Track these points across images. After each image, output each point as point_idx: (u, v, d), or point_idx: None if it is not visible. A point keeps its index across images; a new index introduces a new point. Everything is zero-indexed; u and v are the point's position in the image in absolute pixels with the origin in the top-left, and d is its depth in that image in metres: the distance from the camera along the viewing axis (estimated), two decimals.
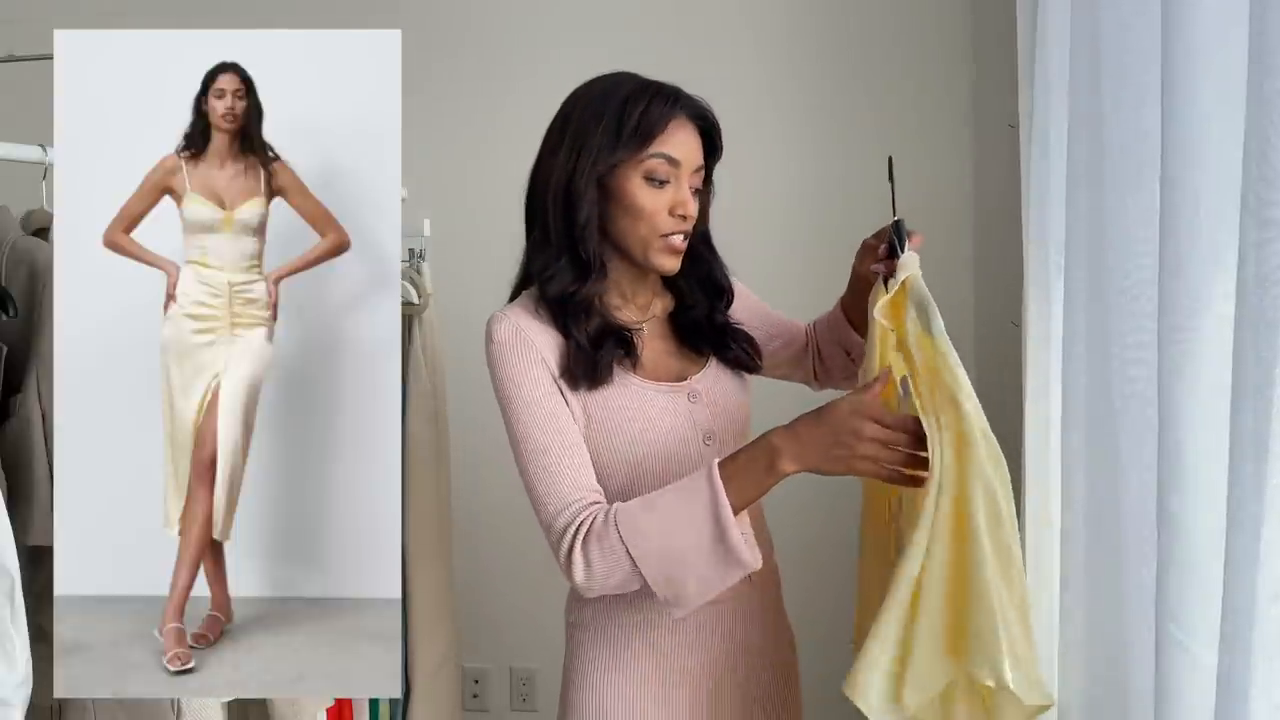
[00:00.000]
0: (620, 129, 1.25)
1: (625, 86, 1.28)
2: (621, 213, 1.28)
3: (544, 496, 1.23)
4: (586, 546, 1.19)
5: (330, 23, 2.54)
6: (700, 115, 1.30)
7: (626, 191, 1.27)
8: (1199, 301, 0.86)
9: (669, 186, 1.27)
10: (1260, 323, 0.72)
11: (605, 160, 1.25)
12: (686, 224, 1.29)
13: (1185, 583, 0.87)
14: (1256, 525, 0.72)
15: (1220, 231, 0.82)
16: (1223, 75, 0.82)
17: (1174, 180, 0.87)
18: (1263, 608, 0.72)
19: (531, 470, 1.25)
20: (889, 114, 2.44)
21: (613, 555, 1.18)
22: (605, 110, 1.26)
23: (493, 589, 2.64)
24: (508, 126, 2.48)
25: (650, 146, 1.25)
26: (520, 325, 1.28)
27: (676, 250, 1.30)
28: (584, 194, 1.26)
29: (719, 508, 1.15)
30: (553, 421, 1.25)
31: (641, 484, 1.28)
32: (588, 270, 1.28)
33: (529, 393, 1.25)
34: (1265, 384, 0.71)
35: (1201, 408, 0.85)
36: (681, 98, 1.28)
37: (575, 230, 1.27)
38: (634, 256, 1.31)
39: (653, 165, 1.26)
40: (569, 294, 1.28)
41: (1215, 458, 0.81)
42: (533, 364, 1.26)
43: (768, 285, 1.58)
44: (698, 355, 1.38)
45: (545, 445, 1.24)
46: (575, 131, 1.27)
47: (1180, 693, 0.87)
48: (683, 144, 1.27)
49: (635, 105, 1.25)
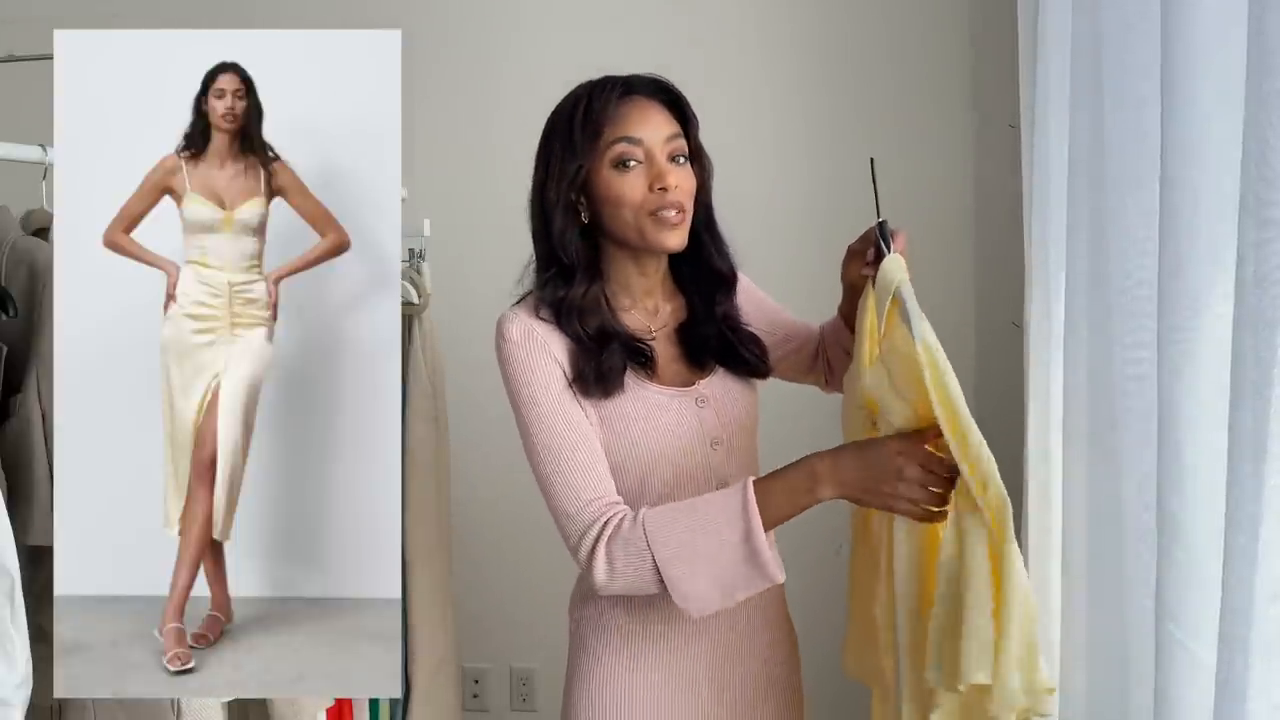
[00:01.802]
0: (572, 134, 1.27)
1: (578, 93, 1.30)
2: (608, 208, 1.28)
3: (562, 494, 1.24)
4: (611, 547, 1.20)
5: (330, 23, 2.54)
6: (657, 89, 1.30)
7: (603, 185, 1.28)
8: (1199, 301, 0.86)
9: (640, 166, 1.27)
10: (1259, 323, 0.72)
11: (570, 167, 1.27)
12: (670, 195, 1.27)
13: (1185, 583, 0.87)
14: (1255, 525, 0.72)
15: (1220, 231, 0.82)
16: (1223, 75, 0.82)
17: (1174, 180, 0.87)
18: (1261, 607, 0.72)
19: (548, 468, 1.25)
20: (889, 114, 2.44)
21: (637, 558, 1.19)
22: (558, 123, 1.29)
23: (493, 589, 2.63)
24: (508, 126, 2.47)
25: (604, 135, 1.26)
26: (532, 325, 1.29)
27: (671, 224, 1.28)
28: (556, 204, 1.28)
29: (750, 521, 1.16)
30: (569, 420, 1.26)
31: (649, 487, 1.29)
32: (571, 274, 1.29)
33: (544, 390, 1.26)
34: (1265, 384, 0.71)
35: (1201, 408, 0.85)
36: (631, 83, 1.29)
37: (553, 241, 1.29)
38: (635, 244, 1.30)
39: (616, 151, 1.26)
40: (560, 299, 1.29)
41: (1215, 458, 0.81)
42: (547, 362, 1.27)
43: (768, 285, 1.57)
44: (705, 361, 1.38)
45: (562, 443, 1.25)
46: (542, 148, 1.31)
47: (1180, 692, 0.87)
48: (640, 121, 1.27)
49: (578, 106, 1.27)
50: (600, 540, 1.21)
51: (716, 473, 1.33)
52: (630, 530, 1.20)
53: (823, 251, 1.64)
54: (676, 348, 1.38)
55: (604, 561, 1.21)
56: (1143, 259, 1.00)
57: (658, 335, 1.37)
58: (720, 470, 1.33)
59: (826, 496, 1.18)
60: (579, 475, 1.24)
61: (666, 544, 1.18)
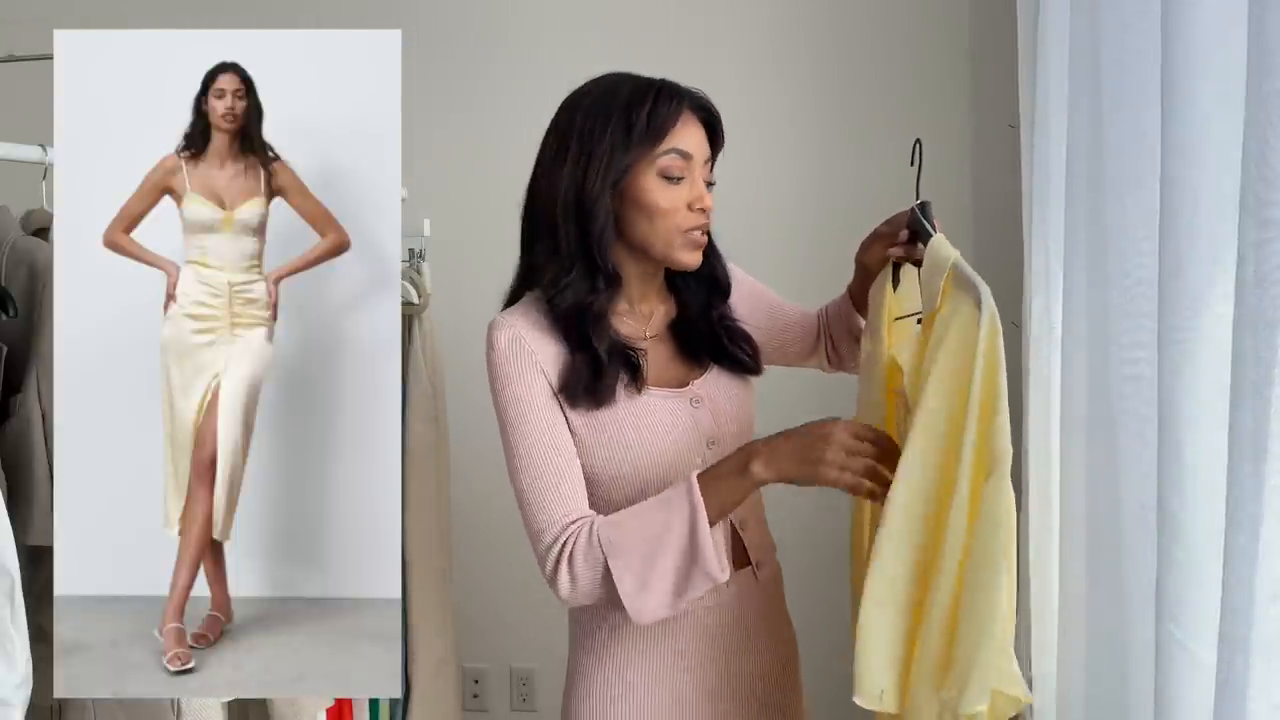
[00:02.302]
0: (630, 129, 1.23)
1: (625, 87, 1.26)
2: (640, 215, 1.26)
3: (534, 510, 1.24)
4: (572, 561, 1.20)
5: (330, 23, 2.54)
6: (702, 107, 1.29)
7: (643, 191, 1.25)
8: (1199, 301, 0.86)
9: (684, 182, 1.26)
10: (1260, 323, 0.71)
11: (618, 163, 1.23)
12: (706, 217, 1.28)
13: (1185, 583, 0.87)
14: (1256, 525, 0.72)
15: (1220, 231, 0.82)
16: (1223, 75, 0.82)
17: (1174, 180, 0.86)
18: (1261, 607, 0.72)
19: (524, 482, 1.24)
20: (889, 114, 2.44)
21: (594, 567, 1.19)
22: (610, 113, 1.24)
23: (493, 589, 2.63)
24: (508, 126, 2.48)
25: (663, 143, 1.24)
26: (520, 333, 1.26)
27: (699, 245, 1.29)
28: (598, 201, 1.24)
29: (695, 514, 1.16)
30: (548, 434, 1.25)
31: (649, 491, 1.28)
32: (603, 280, 1.26)
33: (526, 404, 1.25)
34: (1265, 384, 0.71)
35: (1201, 408, 0.85)
36: (684, 92, 1.27)
37: (590, 240, 1.24)
38: (655, 256, 1.29)
39: (667, 162, 1.25)
40: (585, 305, 1.25)
41: (1215, 458, 0.81)
42: (531, 374, 1.25)
43: (768, 284, 1.57)
44: (699, 359, 1.38)
45: (538, 458, 1.24)
46: (580, 139, 1.24)
47: (1180, 693, 0.87)
48: (692, 137, 1.26)
49: (641, 104, 1.23)
50: (562, 558, 1.20)
51: None
52: (586, 543, 1.19)
53: (826, 248, 1.64)
54: (671, 346, 1.37)
55: (566, 578, 1.21)
56: (1142, 259, 1.00)
57: (650, 339, 1.36)
58: None
59: (761, 475, 1.16)
60: (549, 495, 1.23)
61: (617, 551, 1.18)
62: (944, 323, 1.13)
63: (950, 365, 1.10)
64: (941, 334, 1.12)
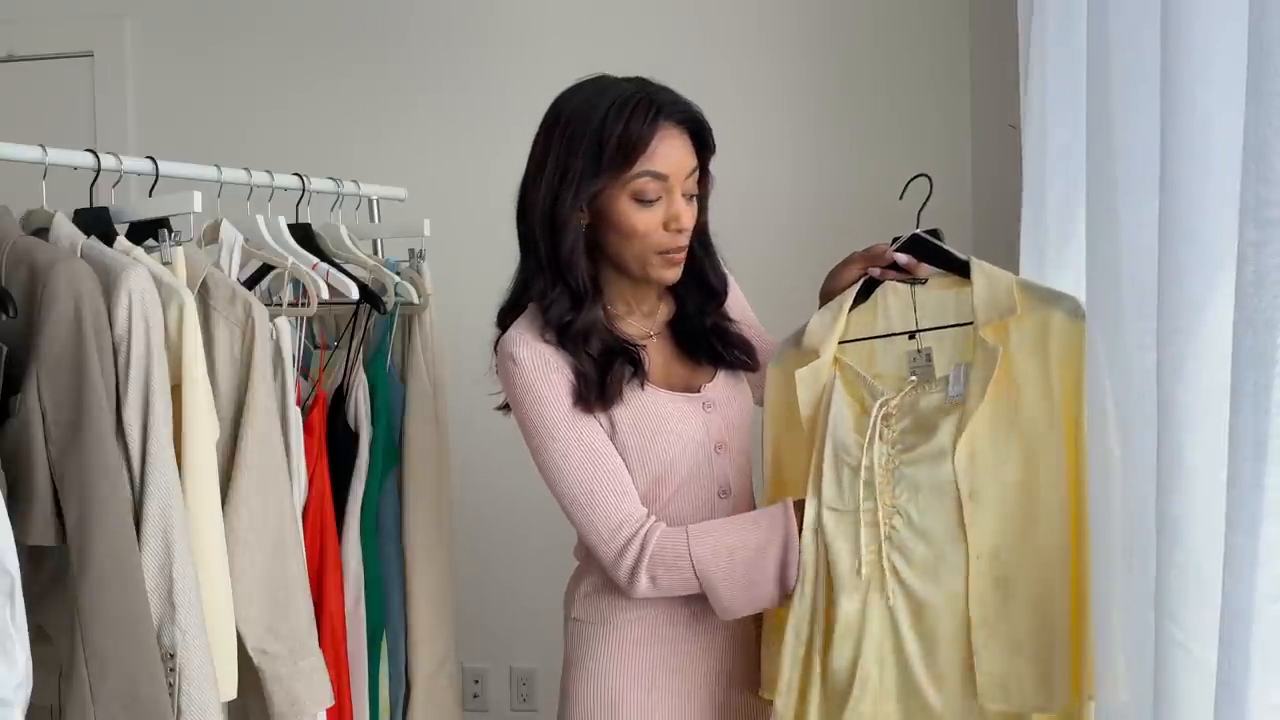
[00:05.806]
0: (601, 151, 1.20)
1: (604, 101, 1.22)
2: (614, 234, 1.25)
3: (591, 515, 1.24)
4: (653, 566, 1.22)
5: (330, 22, 2.54)
6: (687, 118, 1.25)
7: (616, 214, 1.23)
8: (1199, 301, 0.86)
9: (659, 203, 1.24)
10: (1259, 323, 0.71)
11: (588, 187, 1.21)
12: (683, 237, 1.26)
13: (1185, 583, 0.87)
14: (1255, 525, 0.72)
15: (1220, 232, 0.82)
16: (1223, 76, 0.82)
17: (1173, 181, 0.86)
18: (1261, 608, 0.72)
19: (573, 491, 1.25)
20: (889, 114, 2.44)
21: (680, 575, 1.22)
22: (585, 132, 1.21)
23: (493, 589, 2.63)
24: (508, 127, 2.46)
25: (635, 166, 1.21)
26: (539, 347, 1.27)
27: (675, 263, 1.28)
28: (568, 222, 1.23)
29: (789, 538, 1.20)
30: (586, 438, 1.25)
31: (661, 493, 1.29)
32: (581, 298, 1.26)
33: (559, 412, 1.25)
34: (1265, 384, 0.71)
35: (1201, 408, 0.85)
36: (662, 106, 1.22)
37: (561, 260, 1.24)
38: (633, 274, 1.30)
39: (639, 185, 1.22)
40: (567, 322, 1.26)
41: (1215, 458, 0.81)
42: (561, 384, 1.26)
43: (766, 285, 1.58)
44: (703, 363, 1.38)
45: (588, 463, 1.25)
46: (556, 155, 1.23)
47: (1180, 693, 0.87)
48: (668, 155, 1.23)
49: (614, 123, 1.20)
50: (641, 563, 1.22)
51: (719, 476, 1.33)
52: (673, 551, 1.22)
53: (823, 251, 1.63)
54: (673, 346, 1.38)
55: (646, 581, 1.23)
56: (1142, 259, 1.00)
57: (654, 337, 1.36)
58: (722, 473, 1.34)
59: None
60: (605, 498, 1.24)
61: (711, 566, 1.22)
62: (1027, 333, 1.16)
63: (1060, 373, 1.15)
64: (1032, 342, 1.16)
